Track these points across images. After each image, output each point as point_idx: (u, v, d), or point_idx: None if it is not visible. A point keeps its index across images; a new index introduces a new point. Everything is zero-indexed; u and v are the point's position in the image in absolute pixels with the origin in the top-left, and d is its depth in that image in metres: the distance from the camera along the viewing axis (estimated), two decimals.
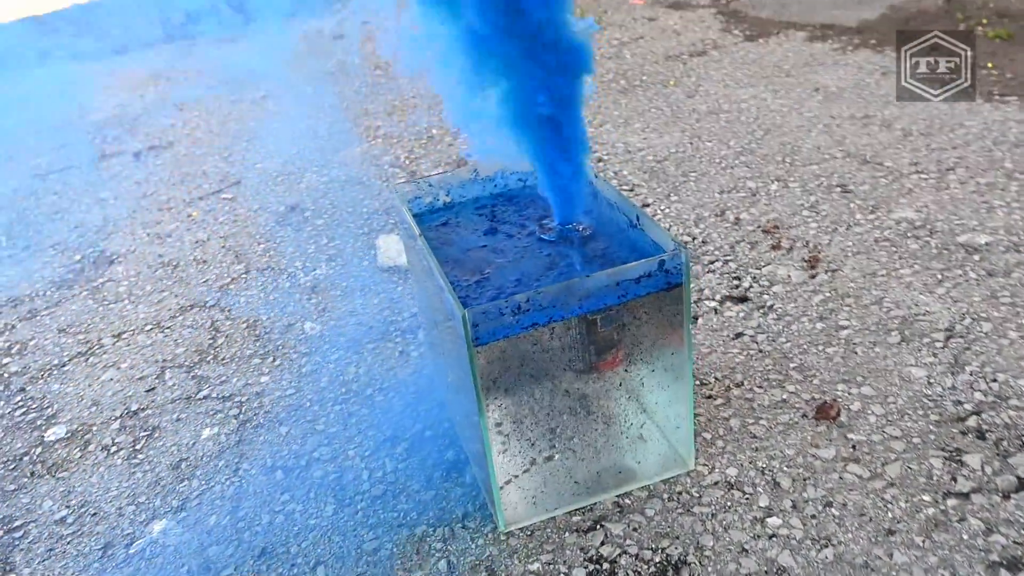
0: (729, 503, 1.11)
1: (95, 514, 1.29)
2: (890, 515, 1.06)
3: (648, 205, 1.98)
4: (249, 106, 3.34)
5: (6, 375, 1.70)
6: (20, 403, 1.60)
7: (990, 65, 2.49)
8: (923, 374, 1.29)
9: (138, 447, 1.43)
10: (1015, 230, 1.63)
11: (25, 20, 5.30)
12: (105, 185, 2.70)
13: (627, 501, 1.15)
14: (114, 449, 1.43)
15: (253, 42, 4.50)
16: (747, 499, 1.12)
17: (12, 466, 1.43)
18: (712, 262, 1.70)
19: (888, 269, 1.58)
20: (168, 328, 1.79)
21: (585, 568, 1.06)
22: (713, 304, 1.57)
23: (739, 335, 1.46)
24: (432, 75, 1.15)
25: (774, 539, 1.05)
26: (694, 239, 1.80)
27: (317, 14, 4.87)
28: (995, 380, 1.25)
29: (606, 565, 1.05)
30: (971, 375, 1.27)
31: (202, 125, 3.18)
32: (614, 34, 3.59)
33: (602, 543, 1.09)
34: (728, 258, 1.71)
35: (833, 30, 3.14)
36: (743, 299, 1.56)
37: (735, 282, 1.62)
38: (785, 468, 1.15)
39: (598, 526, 1.12)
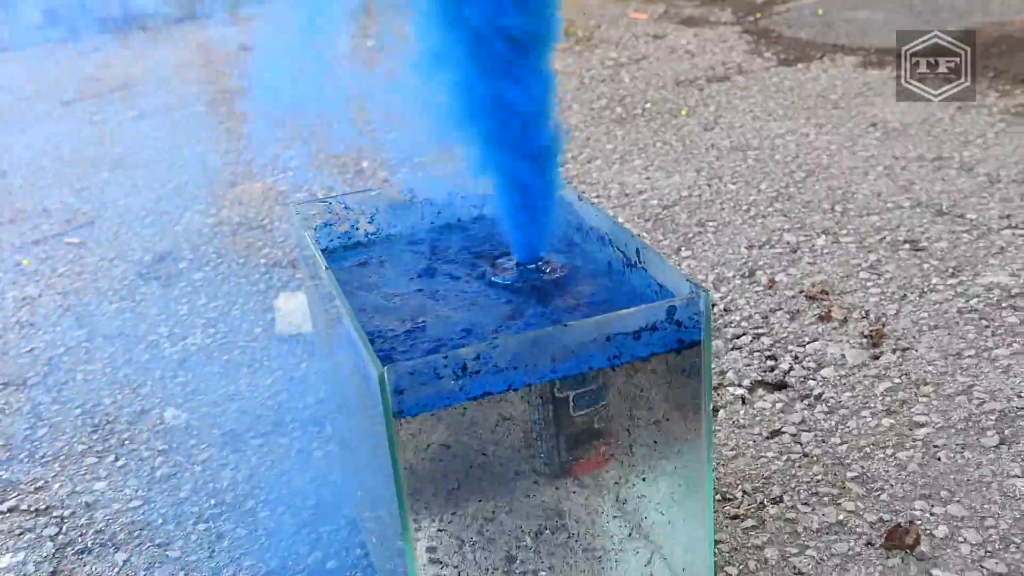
0: None
1: None
2: None
3: None
4: (117, 127, 3.31)
5: None
6: None
7: None
8: None
9: None
10: None
11: None
12: None
13: None
14: None
15: (132, 51, 4.52)
16: None
17: None
18: (738, 336, 1.66)
19: (977, 349, 1.55)
20: None
21: None
22: (740, 392, 1.52)
23: (776, 433, 1.42)
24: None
25: None
26: (713, 306, 1.75)
27: (219, 21, 4.93)
28: None
29: None
30: None
31: (50, 150, 3.14)
32: (609, 53, 3.66)
33: None
34: (760, 331, 1.67)
35: (892, 55, 3.21)
36: (781, 386, 1.53)
37: (770, 363, 1.58)
38: None
39: None
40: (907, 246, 1.91)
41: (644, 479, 1.10)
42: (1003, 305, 1.66)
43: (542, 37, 1.05)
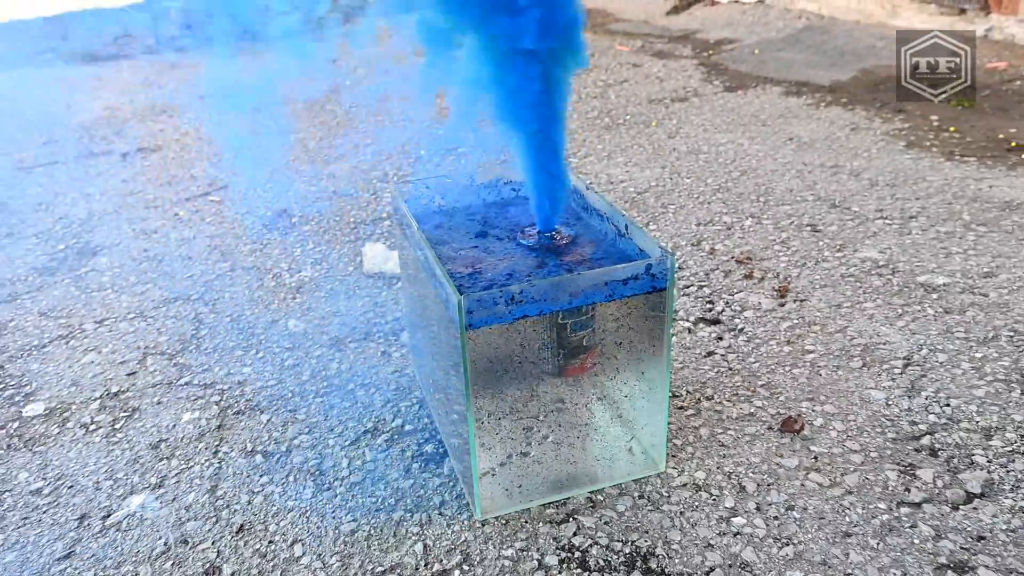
0: (697, 503, 1.16)
1: (71, 487, 1.30)
2: (847, 519, 1.11)
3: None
4: (237, 117, 3.37)
5: None
6: None
7: (952, 129, 2.64)
8: (882, 396, 1.36)
9: (117, 426, 1.44)
10: (971, 274, 1.73)
11: (13, 22, 5.30)
12: (91, 182, 2.71)
13: (599, 497, 1.19)
14: (92, 427, 1.44)
15: (251, 59, 4.54)
16: (714, 500, 1.17)
17: None
18: (687, 287, 1.77)
19: (852, 302, 1.66)
20: (151, 317, 1.80)
21: (557, 556, 1.09)
22: (687, 325, 1.63)
23: (711, 353, 1.53)
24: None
25: (738, 536, 1.10)
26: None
27: (319, 37, 4.94)
28: (948, 405, 1.33)
29: (577, 553, 1.09)
30: (926, 399, 1.34)
31: (192, 132, 3.22)
32: (599, 76, 3.72)
33: (574, 534, 1.13)
34: (703, 284, 1.78)
35: (807, 87, 3.29)
36: (715, 321, 1.63)
37: (708, 306, 1.69)
38: (751, 474, 1.21)
39: (571, 519, 1.16)
40: (809, 228, 2.02)
41: (624, 381, 1.22)
42: (872, 273, 1.78)
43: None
